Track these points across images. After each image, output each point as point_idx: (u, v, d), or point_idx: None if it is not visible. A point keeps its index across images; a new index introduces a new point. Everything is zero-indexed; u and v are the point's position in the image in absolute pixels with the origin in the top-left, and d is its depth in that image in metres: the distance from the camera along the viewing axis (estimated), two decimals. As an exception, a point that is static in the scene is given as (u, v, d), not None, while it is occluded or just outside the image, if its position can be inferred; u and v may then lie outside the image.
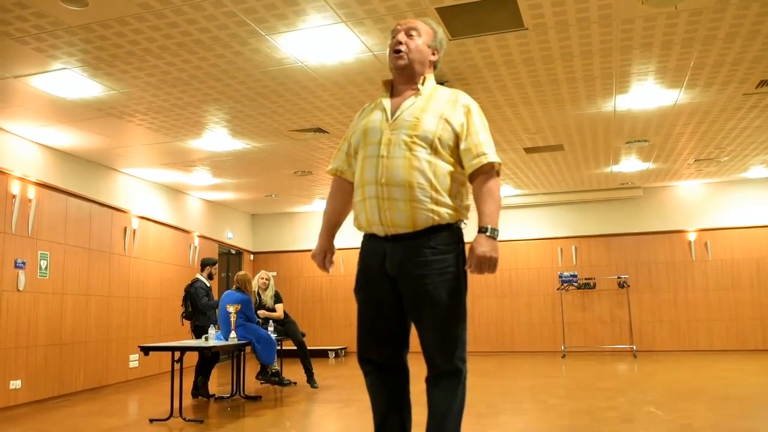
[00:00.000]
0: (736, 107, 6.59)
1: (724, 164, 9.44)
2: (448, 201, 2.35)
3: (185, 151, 7.74)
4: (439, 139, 2.36)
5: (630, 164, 9.23)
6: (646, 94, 6.11)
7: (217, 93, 5.76)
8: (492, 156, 2.37)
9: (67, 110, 6.06)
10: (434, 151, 2.36)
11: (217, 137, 7.20)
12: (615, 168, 9.45)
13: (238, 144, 7.52)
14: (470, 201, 2.47)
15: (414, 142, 2.35)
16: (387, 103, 2.50)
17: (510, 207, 11.50)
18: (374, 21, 4.36)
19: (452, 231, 2.40)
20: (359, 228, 2.52)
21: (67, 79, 5.27)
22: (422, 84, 2.49)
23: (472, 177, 2.40)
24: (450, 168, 2.38)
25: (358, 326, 2.52)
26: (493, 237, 2.29)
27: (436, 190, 2.33)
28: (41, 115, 6.18)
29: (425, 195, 2.32)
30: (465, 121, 2.41)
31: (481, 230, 2.31)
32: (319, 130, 7.01)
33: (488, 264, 2.27)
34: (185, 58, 4.94)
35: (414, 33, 2.49)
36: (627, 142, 7.96)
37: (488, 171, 2.38)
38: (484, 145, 2.38)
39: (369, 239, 2.50)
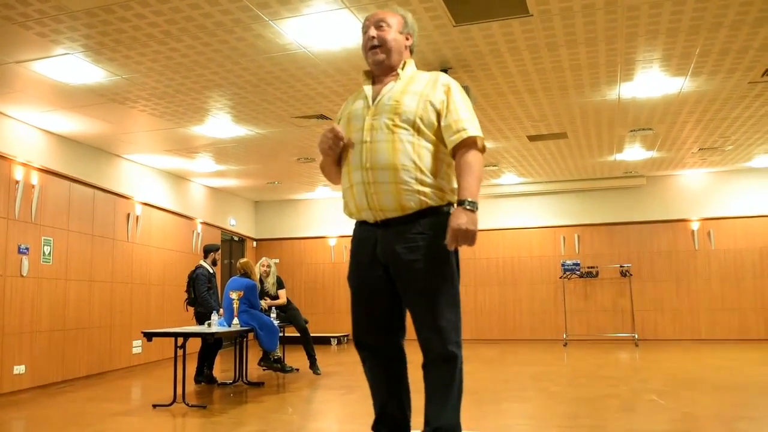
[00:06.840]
0: (742, 95, 6.56)
1: (728, 153, 9.40)
2: (434, 181, 2.36)
3: (188, 137, 7.73)
4: (421, 119, 2.37)
5: (634, 153, 9.20)
6: (650, 82, 6.08)
7: (220, 79, 5.74)
8: (472, 131, 2.36)
9: (70, 96, 6.05)
10: (417, 131, 2.37)
11: (220, 124, 7.19)
12: (618, 156, 9.42)
13: (241, 130, 7.51)
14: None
15: (396, 125, 2.36)
16: (368, 90, 2.52)
17: (513, 195, 11.50)
18: (378, 6, 4.32)
19: (442, 215, 2.38)
20: (350, 215, 2.54)
21: (70, 65, 5.26)
22: (402, 69, 2.51)
23: (454, 152, 2.39)
24: (433, 147, 2.39)
25: (353, 313, 2.54)
26: (472, 210, 2.26)
27: (421, 171, 2.34)
28: (44, 100, 6.17)
29: (410, 176, 2.32)
30: (445, 99, 2.40)
31: (460, 203, 2.28)
32: (322, 116, 7.00)
33: (464, 236, 2.23)
34: (188, 44, 4.92)
35: (384, 24, 2.50)
36: (631, 131, 7.93)
37: (469, 144, 2.36)
38: (464, 121, 2.37)
39: (360, 226, 2.52)
